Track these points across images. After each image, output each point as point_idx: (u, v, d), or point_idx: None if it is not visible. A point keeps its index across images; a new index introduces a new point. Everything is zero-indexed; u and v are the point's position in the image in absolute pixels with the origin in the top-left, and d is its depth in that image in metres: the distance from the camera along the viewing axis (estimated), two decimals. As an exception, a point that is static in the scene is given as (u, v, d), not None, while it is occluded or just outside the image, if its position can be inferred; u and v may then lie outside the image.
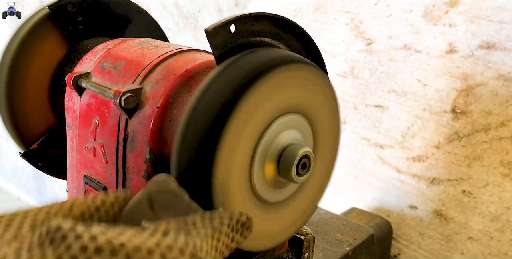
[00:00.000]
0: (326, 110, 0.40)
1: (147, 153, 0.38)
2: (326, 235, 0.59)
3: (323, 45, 0.83)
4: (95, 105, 0.42)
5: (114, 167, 0.41)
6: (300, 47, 0.41)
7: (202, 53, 0.43)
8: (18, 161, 1.72)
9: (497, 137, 0.64)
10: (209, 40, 0.34)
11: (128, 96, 0.38)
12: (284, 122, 0.36)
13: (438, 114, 0.69)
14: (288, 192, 0.39)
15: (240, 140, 0.33)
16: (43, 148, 0.50)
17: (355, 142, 0.77)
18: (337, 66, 0.81)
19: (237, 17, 0.35)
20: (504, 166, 0.63)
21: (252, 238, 0.37)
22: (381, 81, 0.75)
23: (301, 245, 0.46)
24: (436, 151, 0.68)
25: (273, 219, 0.38)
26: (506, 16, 0.66)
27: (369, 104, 0.76)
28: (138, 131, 0.38)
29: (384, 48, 0.76)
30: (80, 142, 0.44)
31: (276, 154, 0.36)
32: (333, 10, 0.84)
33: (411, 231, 0.70)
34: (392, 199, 0.72)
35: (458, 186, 0.66)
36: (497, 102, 0.64)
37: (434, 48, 0.71)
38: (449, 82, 0.69)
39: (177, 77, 0.39)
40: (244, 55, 0.34)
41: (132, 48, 0.44)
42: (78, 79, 0.43)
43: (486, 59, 0.66)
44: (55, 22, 0.47)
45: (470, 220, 0.65)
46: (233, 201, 0.34)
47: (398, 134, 0.72)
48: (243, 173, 0.34)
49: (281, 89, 0.35)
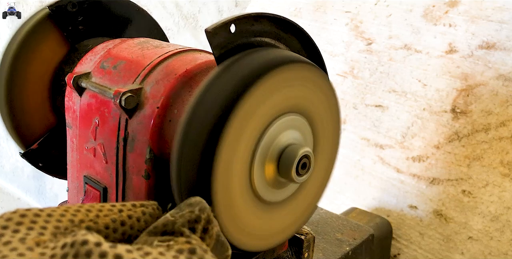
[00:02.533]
0: (326, 110, 0.40)
1: (147, 153, 0.38)
2: (326, 235, 0.59)
3: (323, 45, 0.83)
4: (95, 105, 0.42)
5: (114, 167, 0.41)
6: (300, 47, 0.41)
7: (202, 53, 0.43)
8: (18, 161, 1.72)
9: (497, 137, 0.64)
10: (209, 40, 0.34)
11: (128, 96, 0.38)
12: (284, 122, 0.36)
13: (438, 114, 0.69)
14: (288, 192, 0.39)
15: (240, 140, 0.33)
16: (43, 148, 0.50)
17: (355, 142, 0.77)
18: (337, 66, 0.81)
19: (237, 17, 0.35)
20: (504, 166, 0.63)
21: (252, 238, 0.37)
22: (381, 81, 0.75)
23: (301, 245, 0.46)
24: (436, 151, 0.68)
25: (273, 219, 0.38)
26: (506, 16, 0.66)
27: (369, 104, 0.76)
28: (138, 131, 0.38)
29: (384, 48, 0.76)
30: (80, 142, 0.44)
31: (276, 154, 0.36)
32: (333, 10, 0.84)
33: (411, 231, 0.70)
34: (392, 199, 0.72)
35: (458, 186, 0.66)
36: (497, 102, 0.64)
37: (434, 48, 0.71)
38: (449, 82, 0.69)
39: (177, 77, 0.39)
40: (244, 55, 0.34)
41: (132, 48, 0.44)
42: (78, 79, 0.43)
43: (486, 59, 0.66)
44: (55, 22, 0.47)
45: (470, 220, 0.65)
46: (233, 201, 0.34)
47: (398, 134, 0.72)
48: (243, 173, 0.34)
49: (281, 89, 0.35)
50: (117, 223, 0.25)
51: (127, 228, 0.25)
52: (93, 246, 0.20)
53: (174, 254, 0.22)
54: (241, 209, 0.35)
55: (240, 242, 0.35)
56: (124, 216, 0.25)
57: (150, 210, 0.27)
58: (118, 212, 0.25)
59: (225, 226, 0.33)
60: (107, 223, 0.25)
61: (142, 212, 0.26)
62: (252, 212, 0.36)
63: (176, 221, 0.24)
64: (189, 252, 0.22)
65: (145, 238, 0.24)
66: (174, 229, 0.24)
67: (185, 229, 0.24)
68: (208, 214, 0.25)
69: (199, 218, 0.24)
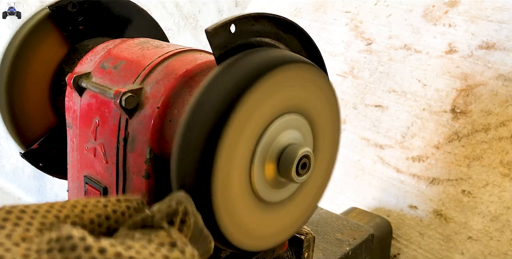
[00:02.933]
0: (326, 110, 0.40)
1: (148, 153, 0.38)
2: (326, 235, 0.59)
3: (323, 45, 0.83)
4: (96, 105, 0.42)
5: (115, 167, 0.41)
6: (300, 47, 0.41)
7: (202, 53, 0.43)
8: (18, 161, 1.73)
9: (496, 137, 0.64)
10: (209, 40, 0.34)
11: (129, 96, 0.38)
12: (284, 122, 0.36)
13: (437, 114, 0.69)
14: (288, 192, 0.39)
15: (240, 140, 0.33)
16: (43, 148, 0.50)
17: (354, 142, 0.77)
18: (337, 66, 0.81)
19: (237, 17, 0.35)
20: (504, 166, 0.63)
21: (252, 238, 0.37)
22: (381, 81, 0.75)
23: (301, 245, 0.46)
24: (435, 151, 0.68)
25: (273, 219, 0.38)
26: (505, 16, 0.66)
27: (369, 104, 0.76)
28: (138, 131, 0.39)
29: (384, 48, 0.76)
30: (81, 142, 0.44)
31: (276, 154, 0.36)
32: (333, 10, 0.84)
33: (411, 231, 0.70)
34: (392, 199, 0.72)
35: (458, 186, 0.66)
36: (496, 102, 0.64)
37: (434, 48, 0.71)
38: (449, 82, 0.69)
39: (178, 77, 0.39)
40: (244, 55, 0.34)
41: (132, 48, 0.44)
42: (79, 79, 0.43)
43: (485, 59, 0.66)
44: (55, 22, 0.47)
45: (470, 220, 0.65)
46: (233, 200, 0.34)
47: (398, 134, 0.72)
48: (243, 173, 0.34)
49: (281, 89, 0.35)
50: (102, 217, 0.25)
51: (111, 222, 0.26)
52: (77, 240, 0.20)
53: (155, 246, 0.22)
54: (241, 209, 0.35)
55: (240, 242, 0.35)
56: (109, 211, 0.26)
57: (135, 205, 0.27)
58: (103, 207, 0.26)
59: (225, 226, 0.33)
60: (92, 218, 0.25)
61: (127, 207, 0.27)
62: (252, 212, 0.36)
63: (155, 215, 0.25)
64: (170, 245, 0.23)
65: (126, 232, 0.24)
66: (154, 223, 0.24)
67: (163, 223, 0.24)
68: (185, 207, 0.26)
69: (176, 211, 0.25)
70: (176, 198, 0.26)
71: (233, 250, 0.36)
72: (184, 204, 0.25)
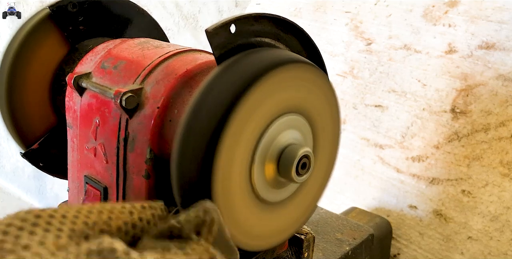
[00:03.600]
0: (326, 110, 0.40)
1: (148, 153, 0.38)
2: (326, 235, 0.59)
3: (323, 45, 0.83)
4: (96, 105, 0.42)
5: (115, 167, 0.41)
6: (300, 47, 0.41)
7: (202, 53, 0.43)
8: (18, 161, 1.73)
9: (496, 137, 0.64)
10: (209, 40, 0.34)
11: (129, 96, 0.38)
12: (284, 122, 0.36)
13: (437, 114, 0.69)
14: (288, 192, 0.39)
15: (240, 140, 0.33)
16: (43, 148, 0.50)
17: (354, 142, 0.77)
18: (337, 66, 0.81)
19: (237, 17, 0.35)
20: (504, 166, 0.63)
21: (252, 238, 0.37)
22: (381, 81, 0.75)
23: (301, 245, 0.46)
24: (435, 151, 0.68)
25: (273, 218, 0.38)
26: (505, 16, 0.66)
27: (369, 104, 0.76)
28: (138, 131, 0.39)
29: (384, 48, 0.76)
30: (81, 142, 0.44)
31: (276, 154, 0.36)
32: (333, 10, 0.84)
33: (411, 231, 0.70)
34: (392, 199, 0.72)
35: (457, 186, 0.66)
36: (496, 102, 0.65)
37: (434, 48, 0.71)
38: (449, 82, 0.69)
39: (178, 77, 0.39)
40: (244, 56, 0.34)
41: (132, 48, 0.44)
42: (79, 79, 0.43)
43: (485, 59, 0.67)
44: (55, 22, 0.47)
45: (469, 220, 0.65)
46: (233, 201, 0.34)
47: (397, 134, 0.72)
48: (243, 173, 0.34)
49: (281, 89, 0.35)
50: (129, 225, 0.25)
51: (137, 230, 0.25)
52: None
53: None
54: (241, 209, 0.35)
55: (240, 241, 0.35)
56: (135, 219, 0.25)
57: (159, 212, 0.27)
58: (129, 214, 0.25)
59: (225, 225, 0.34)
60: (120, 225, 0.24)
61: (152, 215, 0.26)
62: (252, 212, 0.36)
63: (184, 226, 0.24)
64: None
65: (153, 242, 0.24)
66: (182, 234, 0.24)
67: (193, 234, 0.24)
68: (212, 216, 0.25)
69: (204, 221, 0.25)
70: (204, 207, 0.25)
71: (233, 250, 0.36)
72: (212, 214, 0.25)
